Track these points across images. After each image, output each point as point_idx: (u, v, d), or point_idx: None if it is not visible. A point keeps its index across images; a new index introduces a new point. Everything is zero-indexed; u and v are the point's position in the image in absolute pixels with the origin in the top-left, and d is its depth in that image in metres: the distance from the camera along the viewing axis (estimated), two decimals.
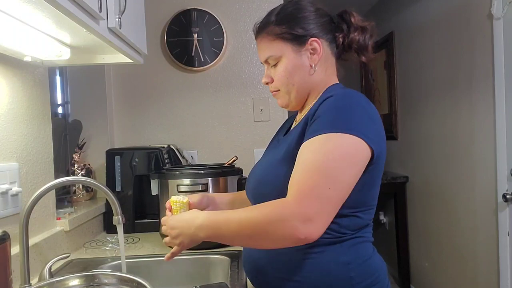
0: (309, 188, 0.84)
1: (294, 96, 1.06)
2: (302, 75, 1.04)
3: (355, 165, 0.88)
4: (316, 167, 0.86)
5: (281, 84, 1.05)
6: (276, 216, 0.84)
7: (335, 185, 0.85)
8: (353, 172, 0.88)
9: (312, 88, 1.06)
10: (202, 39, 2.16)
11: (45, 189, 1.04)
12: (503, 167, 2.17)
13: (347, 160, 0.87)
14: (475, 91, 2.43)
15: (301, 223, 0.82)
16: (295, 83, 1.04)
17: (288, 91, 1.05)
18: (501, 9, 2.13)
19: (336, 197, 0.86)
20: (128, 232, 1.75)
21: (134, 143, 2.14)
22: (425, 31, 3.04)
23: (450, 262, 2.81)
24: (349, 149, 0.87)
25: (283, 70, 1.04)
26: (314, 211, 0.83)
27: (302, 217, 0.82)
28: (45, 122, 1.40)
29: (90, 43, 1.20)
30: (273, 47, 1.04)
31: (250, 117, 2.20)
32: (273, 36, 1.04)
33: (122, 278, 1.02)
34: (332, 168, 0.86)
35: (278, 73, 1.05)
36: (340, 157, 0.86)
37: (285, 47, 1.03)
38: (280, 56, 1.04)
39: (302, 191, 0.84)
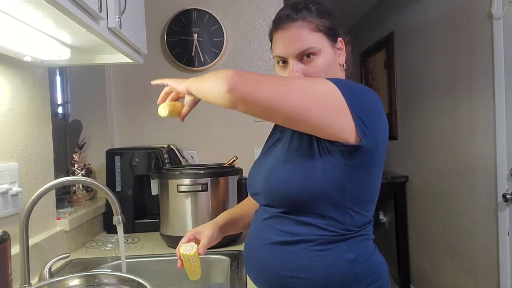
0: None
1: None
2: (335, 72, 1.02)
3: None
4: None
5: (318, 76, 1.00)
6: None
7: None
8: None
9: None
10: (202, 39, 2.16)
11: (45, 189, 1.04)
12: (503, 167, 2.17)
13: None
14: (475, 91, 2.42)
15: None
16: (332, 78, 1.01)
17: None
18: (501, 9, 2.13)
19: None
20: (128, 232, 1.75)
21: (134, 143, 2.14)
22: (425, 31, 3.04)
23: (450, 262, 2.81)
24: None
25: (322, 65, 0.99)
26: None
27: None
28: (45, 122, 1.40)
29: (90, 43, 1.20)
30: (314, 39, 0.99)
31: (250, 117, 2.19)
32: (315, 27, 0.99)
33: (122, 278, 1.02)
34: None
35: (316, 69, 0.99)
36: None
37: (324, 41, 1.00)
38: (320, 49, 0.98)
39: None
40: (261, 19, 2.19)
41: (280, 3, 2.20)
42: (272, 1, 2.19)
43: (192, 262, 1.06)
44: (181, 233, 1.50)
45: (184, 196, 1.50)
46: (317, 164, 0.91)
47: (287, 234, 0.94)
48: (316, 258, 0.93)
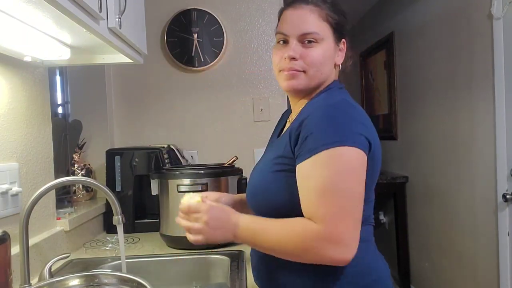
0: (333, 213, 0.85)
1: (314, 84, 1.01)
2: (329, 68, 1.02)
3: (361, 176, 0.89)
4: (331, 189, 0.86)
5: (311, 67, 0.99)
6: (308, 244, 0.85)
7: (353, 201, 0.87)
8: (362, 183, 0.89)
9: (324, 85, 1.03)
10: (202, 39, 2.16)
11: (45, 189, 1.04)
12: (503, 167, 2.17)
13: (354, 173, 0.87)
14: (475, 91, 2.42)
15: (337, 250, 0.84)
16: (323, 72, 1.01)
17: (313, 76, 1.00)
18: (501, 9, 2.13)
19: (357, 212, 0.87)
20: (128, 232, 1.75)
21: (134, 143, 2.14)
22: (425, 31, 3.04)
23: (450, 262, 2.81)
24: (353, 162, 0.87)
25: (321, 54, 0.99)
26: (346, 235, 0.84)
27: (336, 245, 0.84)
28: (45, 122, 1.40)
29: (90, 43, 1.20)
30: (321, 26, 0.98)
31: (250, 117, 2.20)
32: (325, 16, 0.99)
33: (122, 278, 1.02)
34: (345, 186, 0.86)
35: (314, 55, 0.98)
36: (348, 172, 0.87)
37: (329, 34, 1.00)
38: (323, 38, 0.98)
39: (330, 217, 0.84)
40: (261, 19, 2.19)
41: (280, 3, 2.19)
42: (272, 1, 2.19)
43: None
44: (181, 233, 1.49)
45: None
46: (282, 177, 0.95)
47: None
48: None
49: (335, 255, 0.84)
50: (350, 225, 0.85)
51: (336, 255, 0.84)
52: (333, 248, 0.84)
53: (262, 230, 0.91)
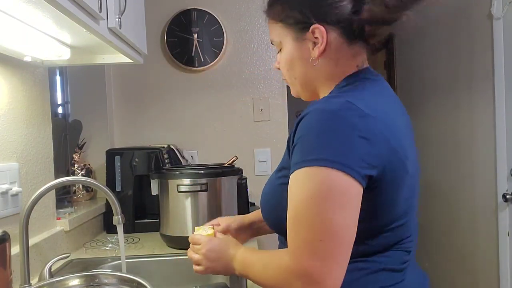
0: (300, 246, 0.73)
1: (300, 88, 0.94)
2: (303, 67, 0.89)
3: (346, 205, 0.71)
4: (300, 217, 0.73)
5: (285, 74, 0.95)
6: (283, 280, 0.75)
7: (327, 235, 0.71)
8: (347, 214, 0.71)
9: (319, 81, 0.90)
10: (202, 39, 2.16)
11: (45, 189, 1.04)
12: (503, 167, 2.17)
13: (335, 202, 0.71)
14: (475, 91, 2.42)
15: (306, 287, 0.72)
16: (297, 76, 0.92)
17: (292, 83, 0.95)
18: (501, 9, 2.13)
19: (334, 247, 0.71)
20: (128, 232, 1.75)
21: (134, 143, 2.14)
22: (425, 31, 3.03)
23: (450, 262, 2.81)
24: (336, 188, 0.70)
25: (283, 60, 0.92)
26: (316, 273, 0.71)
27: (306, 282, 0.71)
28: (45, 122, 1.40)
29: (90, 43, 1.20)
30: (275, 31, 0.91)
31: (250, 117, 2.20)
32: (276, 17, 0.90)
33: (122, 278, 1.02)
34: (318, 215, 0.71)
35: (282, 62, 0.93)
36: (326, 199, 0.71)
37: (286, 33, 0.89)
38: (280, 42, 0.91)
39: (296, 251, 0.73)
40: (261, 19, 2.19)
41: None
42: None
43: None
44: (181, 233, 1.50)
45: (184, 196, 1.50)
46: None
47: None
48: None
49: None
50: (320, 261, 0.70)
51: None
52: (302, 285, 0.72)
53: (251, 264, 0.87)
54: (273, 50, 2.19)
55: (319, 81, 0.90)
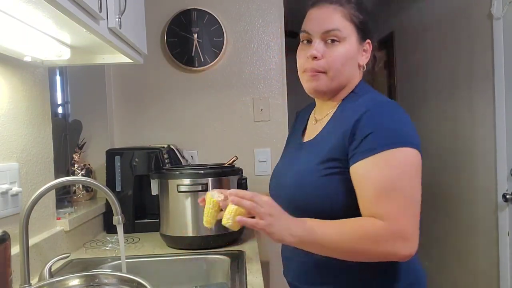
0: (398, 209, 0.87)
1: (335, 85, 1.01)
2: (352, 68, 1.02)
3: (419, 176, 0.93)
4: (395, 188, 0.88)
5: (332, 67, 0.98)
6: (378, 237, 0.86)
7: (415, 200, 0.91)
8: (420, 183, 0.93)
9: (349, 86, 1.03)
10: (202, 39, 2.16)
11: (45, 189, 1.04)
12: (503, 167, 2.17)
13: (415, 174, 0.92)
14: (475, 91, 2.42)
15: (401, 245, 0.87)
16: (345, 73, 1.00)
17: (334, 77, 0.99)
18: (501, 9, 2.13)
19: (418, 211, 0.91)
20: (128, 232, 1.75)
21: (134, 143, 2.14)
22: (425, 31, 3.04)
23: (450, 262, 2.81)
24: (414, 162, 0.92)
25: (342, 54, 0.98)
26: (410, 231, 0.88)
27: (400, 240, 0.87)
28: (45, 122, 1.40)
29: (90, 43, 1.20)
30: (344, 24, 0.99)
31: (250, 117, 2.20)
32: (348, 16, 0.99)
33: (122, 278, 1.02)
34: (408, 184, 0.90)
35: (336, 54, 0.98)
36: (410, 172, 0.91)
37: (353, 33, 0.99)
38: (345, 37, 0.98)
39: (394, 214, 0.87)
40: (261, 19, 2.19)
41: (280, 3, 2.20)
42: (272, 1, 2.18)
43: (210, 208, 1.06)
44: (181, 233, 1.50)
45: (184, 196, 1.50)
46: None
47: None
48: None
49: (402, 251, 0.87)
50: (413, 221, 0.89)
51: (403, 250, 0.87)
52: (401, 244, 0.86)
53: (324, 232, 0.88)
54: (273, 50, 2.19)
55: (349, 85, 1.03)
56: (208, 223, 1.08)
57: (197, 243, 1.49)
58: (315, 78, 1.00)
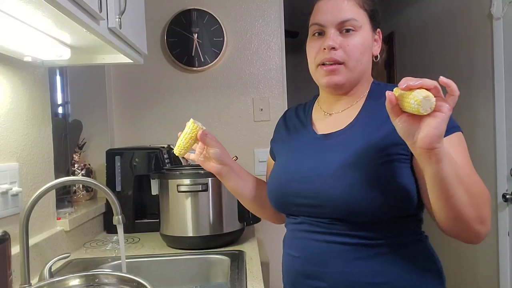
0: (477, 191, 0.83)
1: (355, 76, 0.97)
2: (368, 58, 0.99)
3: None
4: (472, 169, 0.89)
5: (350, 57, 0.94)
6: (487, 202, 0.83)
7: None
8: None
9: (365, 76, 1.00)
10: (202, 39, 2.16)
11: (45, 189, 1.05)
12: (503, 167, 2.17)
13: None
14: (475, 91, 2.42)
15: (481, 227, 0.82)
16: (363, 62, 0.96)
17: (353, 67, 0.95)
18: (501, 9, 2.13)
19: None
20: (128, 232, 1.75)
21: (134, 143, 2.14)
22: (425, 31, 3.04)
23: (450, 262, 2.81)
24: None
25: (359, 43, 0.94)
26: (487, 214, 0.83)
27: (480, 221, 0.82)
28: (45, 122, 1.40)
29: (90, 43, 1.20)
30: (358, 13, 0.95)
31: (250, 117, 2.20)
32: (361, 3, 0.96)
33: (122, 278, 1.02)
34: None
35: (353, 43, 0.94)
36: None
37: (367, 21, 0.97)
38: (361, 26, 0.95)
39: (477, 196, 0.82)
40: (261, 19, 2.19)
41: (280, 3, 2.20)
42: (272, 1, 2.19)
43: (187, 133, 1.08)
44: (181, 233, 1.50)
45: (184, 196, 1.50)
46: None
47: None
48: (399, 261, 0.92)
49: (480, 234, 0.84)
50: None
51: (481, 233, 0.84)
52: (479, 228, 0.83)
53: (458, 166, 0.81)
54: (273, 50, 2.19)
55: (366, 75, 1.01)
56: (178, 149, 1.08)
57: (197, 243, 1.49)
58: (335, 72, 0.95)
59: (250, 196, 1.16)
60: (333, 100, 1.04)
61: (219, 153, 1.10)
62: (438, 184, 0.77)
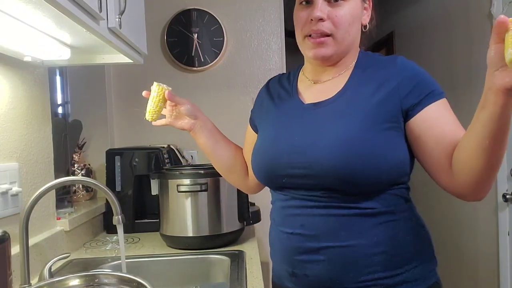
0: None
1: (343, 48, 0.93)
2: (357, 28, 0.95)
3: None
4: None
5: (339, 29, 0.91)
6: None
7: None
8: None
9: (354, 46, 0.97)
10: (202, 39, 2.16)
11: (45, 189, 1.04)
12: (503, 167, 2.17)
13: None
14: (475, 91, 2.42)
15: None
16: (351, 34, 0.93)
17: (342, 39, 0.92)
18: (501, 9, 2.13)
19: None
20: (128, 232, 1.75)
21: (134, 143, 2.14)
22: (425, 31, 3.04)
23: (450, 262, 2.81)
24: None
25: (348, 13, 0.91)
26: None
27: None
28: (45, 122, 1.40)
29: (90, 43, 1.20)
30: None
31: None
32: None
33: (122, 278, 1.02)
34: None
35: (342, 14, 0.90)
36: None
37: None
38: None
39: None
40: (261, 19, 2.19)
41: (280, 3, 2.20)
42: (272, 1, 2.19)
43: (155, 96, 1.08)
44: (181, 233, 1.50)
45: (184, 196, 1.50)
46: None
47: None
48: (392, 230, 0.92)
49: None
50: None
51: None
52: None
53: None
54: (273, 50, 2.19)
55: (354, 45, 0.97)
56: (150, 114, 1.09)
57: (197, 243, 1.49)
58: (322, 44, 0.91)
59: (222, 157, 1.19)
60: (320, 70, 1.00)
61: (191, 108, 1.13)
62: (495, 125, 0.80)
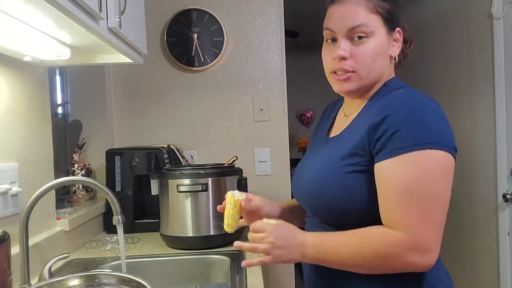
0: (418, 216, 0.82)
1: (367, 83, 0.95)
2: (384, 62, 0.96)
3: (449, 180, 0.86)
4: (419, 191, 0.82)
5: (361, 65, 0.93)
6: (392, 254, 0.83)
7: (440, 206, 0.85)
8: (449, 187, 0.86)
9: (382, 80, 0.98)
10: (202, 39, 2.16)
11: (45, 189, 1.04)
12: (503, 167, 2.17)
13: (444, 177, 0.84)
14: (475, 91, 2.42)
15: (420, 256, 0.82)
16: (375, 69, 0.94)
17: (366, 76, 0.94)
18: (501, 9, 2.13)
19: (443, 218, 0.85)
20: (128, 232, 1.75)
21: (134, 143, 2.14)
22: (425, 31, 3.03)
23: (450, 262, 2.81)
24: (444, 165, 0.84)
25: (371, 50, 0.92)
26: (430, 242, 0.82)
27: (419, 251, 0.82)
28: (45, 122, 1.40)
29: (90, 43, 1.20)
30: (370, 18, 0.92)
31: (250, 117, 2.20)
32: (373, 8, 0.93)
33: (122, 278, 1.02)
34: (434, 188, 0.83)
35: (364, 52, 0.92)
36: (438, 175, 0.83)
37: (381, 25, 0.94)
38: (373, 31, 0.92)
39: (413, 223, 0.82)
40: (261, 19, 2.19)
41: (280, 3, 2.20)
42: (272, 1, 2.18)
43: (231, 209, 1.02)
44: (181, 233, 1.50)
45: (184, 196, 1.50)
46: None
47: None
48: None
49: (419, 262, 0.82)
50: (435, 230, 0.83)
51: (420, 261, 0.82)
52: (417, 256, 0.82)
53: (335, 246, 0.87)
54: (273, 50, 2.19)
55: (383, 79, 0.98)
56: (229, 227, 1.03)
57: (197, 243, 1.49)
58: (347, 80, 0.94)
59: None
60: (348, 102, 1.06)
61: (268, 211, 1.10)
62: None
